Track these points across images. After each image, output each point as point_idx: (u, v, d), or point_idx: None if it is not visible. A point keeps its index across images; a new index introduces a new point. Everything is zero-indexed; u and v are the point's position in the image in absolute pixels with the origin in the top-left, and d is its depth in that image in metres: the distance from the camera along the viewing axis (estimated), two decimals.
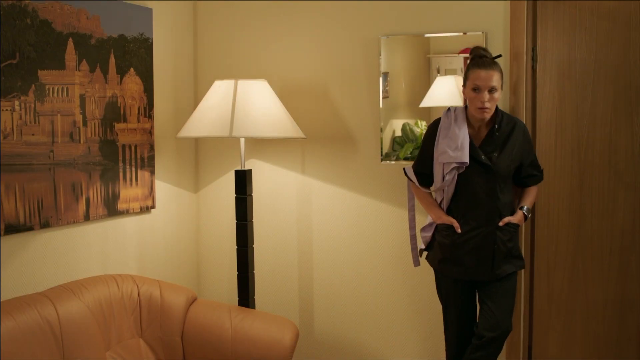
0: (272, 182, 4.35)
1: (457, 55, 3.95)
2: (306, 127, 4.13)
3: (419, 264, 3.76)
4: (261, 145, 4.35)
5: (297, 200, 4.30)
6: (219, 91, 3.80)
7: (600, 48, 3.84)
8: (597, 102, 3.86)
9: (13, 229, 3.18)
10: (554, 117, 3.90)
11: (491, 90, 3.37)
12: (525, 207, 3.55)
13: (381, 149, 4.08)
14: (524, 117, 3.80)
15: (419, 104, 4.03)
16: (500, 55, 3.49)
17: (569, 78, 3.88)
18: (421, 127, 4.04)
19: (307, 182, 4.27)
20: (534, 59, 3.88)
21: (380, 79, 4.05)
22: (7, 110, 3.13)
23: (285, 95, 4.18)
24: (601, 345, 3.93)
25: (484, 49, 3.47)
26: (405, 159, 4.04)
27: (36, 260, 3.34)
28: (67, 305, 3.12)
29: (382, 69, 4.05)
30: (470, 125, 3.49)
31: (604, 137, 3.86)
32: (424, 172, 3.61)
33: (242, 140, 3.91)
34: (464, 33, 3.88)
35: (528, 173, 3.57)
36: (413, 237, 3.78)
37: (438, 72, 4.01)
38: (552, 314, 3.98)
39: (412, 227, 3.79)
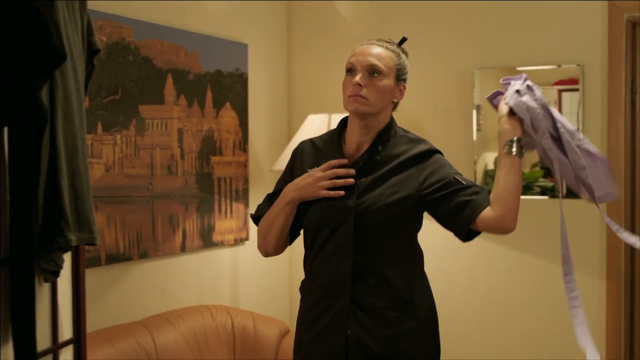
0: None
1: (550, 87, 3.88)
2: None
3: None
4: None
5: None
6: (313, 125, 3.84)
7: None
8: None
9: (113, 258, 3.27)
10: None
11: (372, 71, 2.29)
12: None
13: (474, 182, 4.03)
14: (622, 153, 3.68)
15: None
16: (404, 39, 2.44)
17: None
18: None
19: None
20: (633, 91, 3.78)
21: (474, 112, 4.02)
22: (109, 144, 3.24)
23: None
24: None
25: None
26: None
27: (134, 289, 3.42)
28: (164, 335, 3.18)
29: (475, 101, 4.02)
30: (347, 141, 2.41)
31: None
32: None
33: None
34: (559, 66, 3.82)
35: (459, 205, 2.26)
36: None
37: None
38: None
39: None
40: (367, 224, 2.27)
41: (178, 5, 3.64)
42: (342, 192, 2.29)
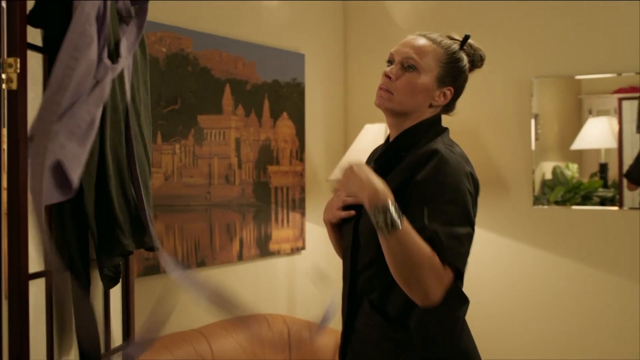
0: None
1: (610, 95, 3.82)
2: None
3: None
4: None
5: None
6: (369, 134, 3.83)
7: None
8: None
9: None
10: None
11: (407, 65, 2.02)
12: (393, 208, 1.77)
13: (533, 192, 3.98)
14: None
15: (570, 146, 3.93)
16: (467, 37, 2.18)
17: None
18: (572, 170, 3.93)
19: None
20: None
21: (533, 121, 3.97)
22: (168, 153, 3.28)
23: None
24: None
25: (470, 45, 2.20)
26: (556, 202, 3.93)
27: (192, 297, 3.44)
28: (221, 343, 3.20)
29: (534, 110, 3.98)
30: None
31: None
32: None
33: None
34: (619, 74, 3.75)
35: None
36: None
37: (590, 113, 3.90)
38: None
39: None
40: (361, 247, 1.99)
41: (236, 16, 3.67)
42: (352, 212, 2.01)
